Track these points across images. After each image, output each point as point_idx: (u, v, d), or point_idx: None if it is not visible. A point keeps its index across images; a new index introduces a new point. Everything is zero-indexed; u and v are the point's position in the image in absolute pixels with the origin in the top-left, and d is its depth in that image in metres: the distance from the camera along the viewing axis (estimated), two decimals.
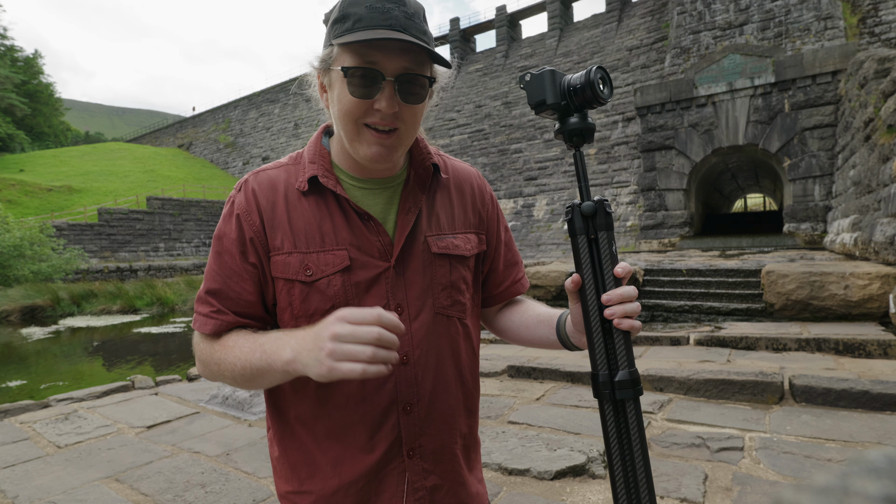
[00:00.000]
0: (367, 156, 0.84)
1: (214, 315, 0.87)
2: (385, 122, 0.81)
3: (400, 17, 0.79)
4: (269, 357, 0.77)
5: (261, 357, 0.78)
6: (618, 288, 0.75)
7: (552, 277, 9.24)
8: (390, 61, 0.79)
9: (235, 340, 0.84)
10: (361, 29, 0.78)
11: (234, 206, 0.89)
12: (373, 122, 0.81)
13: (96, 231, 26.39)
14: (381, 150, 0.83)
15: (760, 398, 3.54)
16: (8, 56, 54.79)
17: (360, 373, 0.68)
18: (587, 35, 28.66)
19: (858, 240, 8.65)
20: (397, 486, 0.88)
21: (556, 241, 21.57)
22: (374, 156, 0.83)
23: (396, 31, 0.78)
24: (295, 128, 42.00)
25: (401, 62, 0.80)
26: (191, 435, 3.53)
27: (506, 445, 2.98)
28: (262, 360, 0.78)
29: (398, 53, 0.79)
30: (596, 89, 0.74)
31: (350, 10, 0.79)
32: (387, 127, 0.82)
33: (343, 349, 0.69)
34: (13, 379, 8.06)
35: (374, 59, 0.79)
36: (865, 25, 17.82)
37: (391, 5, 0.79)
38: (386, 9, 0.78)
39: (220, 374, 0.85)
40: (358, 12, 0.79)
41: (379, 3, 0.78)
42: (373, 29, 0.78)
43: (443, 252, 0.92)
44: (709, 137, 16.55)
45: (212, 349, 0.86)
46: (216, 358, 0.85)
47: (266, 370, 0.78)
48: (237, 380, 0.83)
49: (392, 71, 0.80)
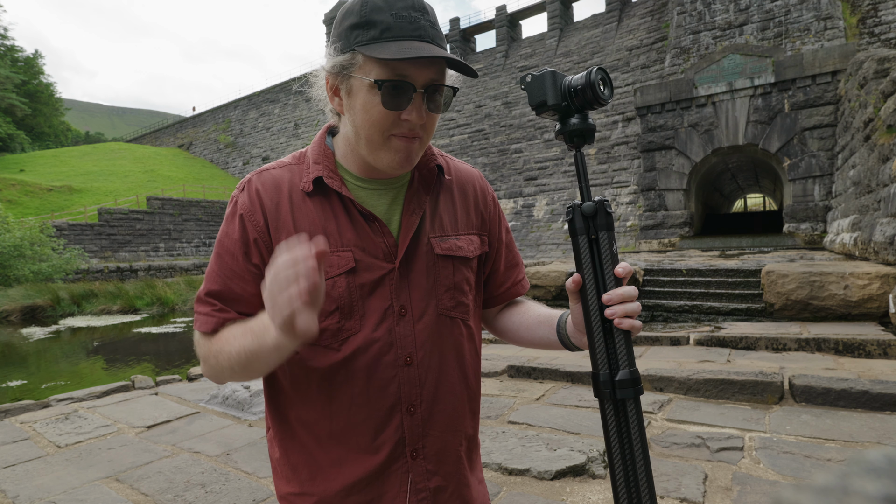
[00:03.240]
0: (393, 163, 0.84)
1: (216, 313, 0.86)
2: (413, 131, 0.82)
3: (427, 28, 0.79)
4: (260, 337, 0.75)
5: (252, 339, 0.77)
6: (618, 288, 0.75)
7: (552, 277, 9.25)
8: (420, 73, 0.79)
9: (230, 330, 0.83)
10: (391, 39, 0.77)
11: (237, 207, 0.88)
12: (400, 133, 0.82)
13: (96, 231, 26.39)
14: (405, 157, 0.84)
15: (760, 398, 3.54)
16: (8, 56, 54.81)
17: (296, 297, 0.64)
18: (587, 35, 28.66)
19: (858, 240, 8.65)
20: (400, 488, 0.88)
21: (556, 241, 21.58)
22: (400, 162, 0.84)
23: (426, 43, 0.78)
24: (295, 128, 42.00)
25: (429, 73, 0.80)
26: (191, 435, 3.53)
27: (506, 445, 2.99)
28: (254, 341, 0.76)
29: (426, 65, 0.79)
30: (596, 90, 0.74)
31: (375, 17, 0.78)
32: (413, 136, 0.83)
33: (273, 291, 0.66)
34: (13, 379, 8.06)
35: (405, 72, 0.79)
36: (865, 25, 17.82)
37: (417, 14, 0.79)
38: (413, 18, 0.78)
39: (219, 367, 0.84)
40: (385, 21, 0.77)
41: (405, 12, 0.78)
42: (404, 40, 0.77)
43: (446, 253, 0.92)
44: (709, 137, 16.56)
45: (210, 345, 0.85)
46: (214, 350, 0.84)
47: (258, 350, 0.76)
48: (235, 369, 0.81)
49: (422, 83, 0.80)
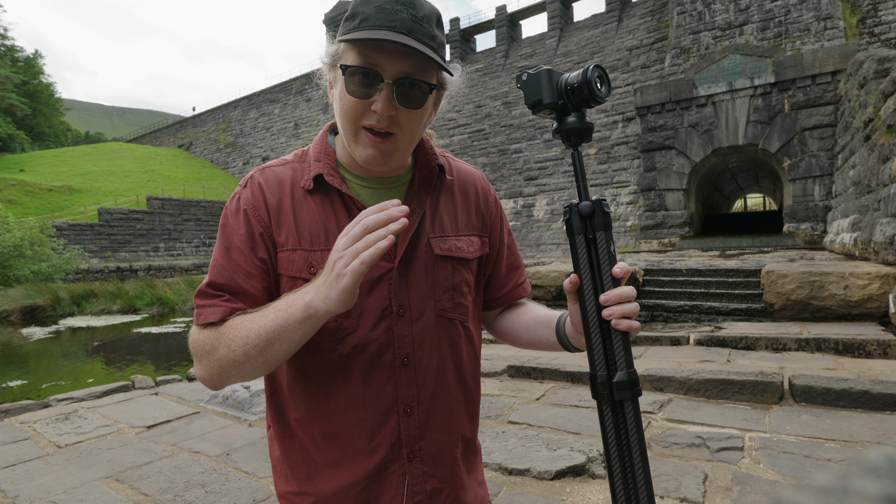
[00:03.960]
0: (363, 158, 0.84)
1: (223, 303, 0.83)
2: (381, 124, 0.81)
3: (406, 20, 0.78)
4: (285, 312, 0.75)
5: (275, 317, 0.75)
6: (616, 288, 0.74)
7: (552, 277, 9.25)
8: (391, 64, 0.78)
9: (243, 317, 0.80)
10: (366, 28, 0.78)
11: (240, 202, 0.88)
12: (369, 125, 0.81)
13: (96, 231, 26.40)
14: (376, 154, 0.83)
15: (760, 398, 3.54)
16: (8, 56, 54.83)
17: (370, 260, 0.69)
18: (587, 35, 28.66)
19: (858, 240, 8.65)
20: (397, 489, 0.87)
21: (556, 241, 21.58)
22: (370, 158, 0.83)
23: (399, 34, 0.77)
24: (295, 128, 42.01)
25: (401, 65, 0.79)
26: (191, 435, 3.53)
27: (506, 445, 2.98)
28: (278, 318, 0.75)
29: (399, 56, 0.78)
30: (593, 88, 0.74)
31: (360, 8, 0.79)
32: (383, 130, 0.81)
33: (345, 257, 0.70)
34: (13, 379, 8.05)
35: (374, 61, 0.78)
36: (865, 25, 17.82)
37: (399, 7, 0.78)
38: (394, 10, 0.78)
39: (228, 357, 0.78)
40: (366, 11, 0.78)
41: (388, 4, 0.78)
42: (376, 29, 0.77)
43: (445, 254, 0.92)
44: (709, 137, 16.56)
45: (217, 334, 0.80)
46: (226, 339, 0.79)
47: (283, 328, 0.75)
48: (250, 354, 0.77)
49: (391, 73, 0.79)
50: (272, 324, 0.75)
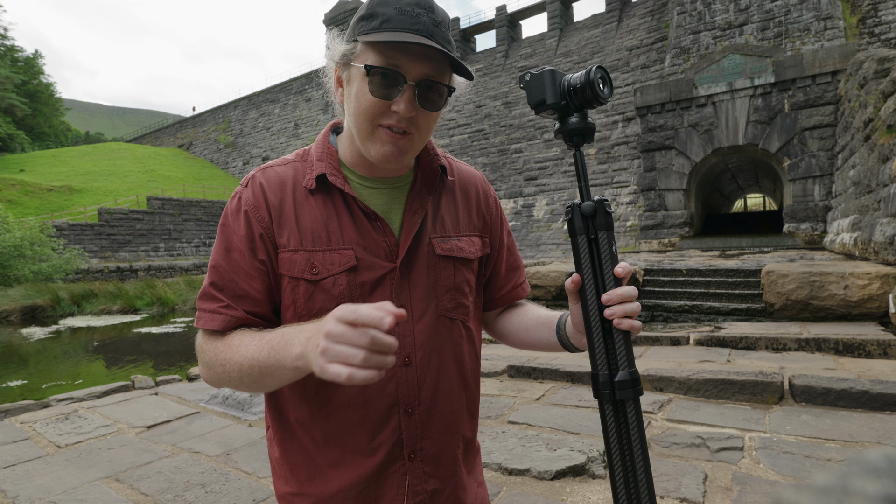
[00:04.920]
0: (379, 155, 0.84)
1: (223, 310, 0.84)
2: (401, 124, 0.81)
3: (428, 24, 0.79)
4: (277, 354, 0.73)
5: (269, 354, 0.74)
6: (618, 288, 0.75)
7: (552, 277, 9.25)
8: (414, 66, 0.79)
9: (241, 339, 0.80)
10: (389, 30, 0.78)
11: (241, 202, 0.87)
12: (388, 124, 0.82)
13: (96, 231, 26.39)
14: (394, 150, 0.83)
15: (760, 398, 3.54)
16: (8, 56, 54.77)
17: (346, 377, 0.62)
18: (587, 35, 28.65)
19: (858, 240, 8.65)
20: (397, 490, 0.87)
21: (556, 241, 21.58)
22: (387, 154, 0.83)
23: (423, 37, 0.78)
24: (295, 128, 41.99)
25: (423, 68, 0.80)
26: (191, 435, 3.53)
27: (506, 445, 2.98)
28: (271, 357, 0.74)
29: (422, 59, 0.79)
30: (596, 89, 0.74)
31: (379, 9, 0.80)
32: (401, 129, 0.82)
33: (334, 350, 0.64)
34: (14, 379, 8.05)
35: (397, 62, 0.79)
36: (865, 25, 17.82)
37: (420, 10, 0.79)
38: (415, 13, 0.79)
39: (225, 376, 0.81)
40: (387, 13, 0.79)
41: (409, 7, 0.79)
42: (400, 31, 0.78)
43: (447, 254, 0.92)
44: (709, 137, 16.56)
45: (216, 349, 0.82)
46: (221, 359, 0.81)
47: (275, 368, 0.74)
48: (244, 380, 0.79)
49: (414, 76, 0.80)
50: (265, 360, 0.75)
